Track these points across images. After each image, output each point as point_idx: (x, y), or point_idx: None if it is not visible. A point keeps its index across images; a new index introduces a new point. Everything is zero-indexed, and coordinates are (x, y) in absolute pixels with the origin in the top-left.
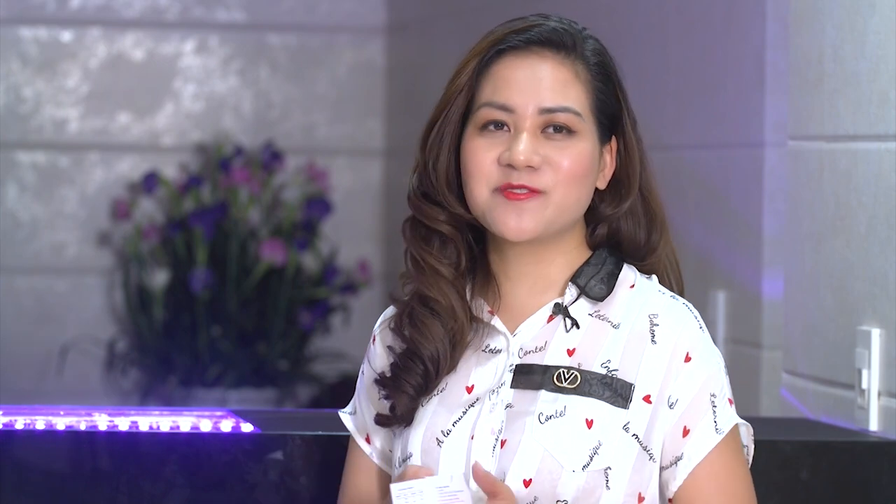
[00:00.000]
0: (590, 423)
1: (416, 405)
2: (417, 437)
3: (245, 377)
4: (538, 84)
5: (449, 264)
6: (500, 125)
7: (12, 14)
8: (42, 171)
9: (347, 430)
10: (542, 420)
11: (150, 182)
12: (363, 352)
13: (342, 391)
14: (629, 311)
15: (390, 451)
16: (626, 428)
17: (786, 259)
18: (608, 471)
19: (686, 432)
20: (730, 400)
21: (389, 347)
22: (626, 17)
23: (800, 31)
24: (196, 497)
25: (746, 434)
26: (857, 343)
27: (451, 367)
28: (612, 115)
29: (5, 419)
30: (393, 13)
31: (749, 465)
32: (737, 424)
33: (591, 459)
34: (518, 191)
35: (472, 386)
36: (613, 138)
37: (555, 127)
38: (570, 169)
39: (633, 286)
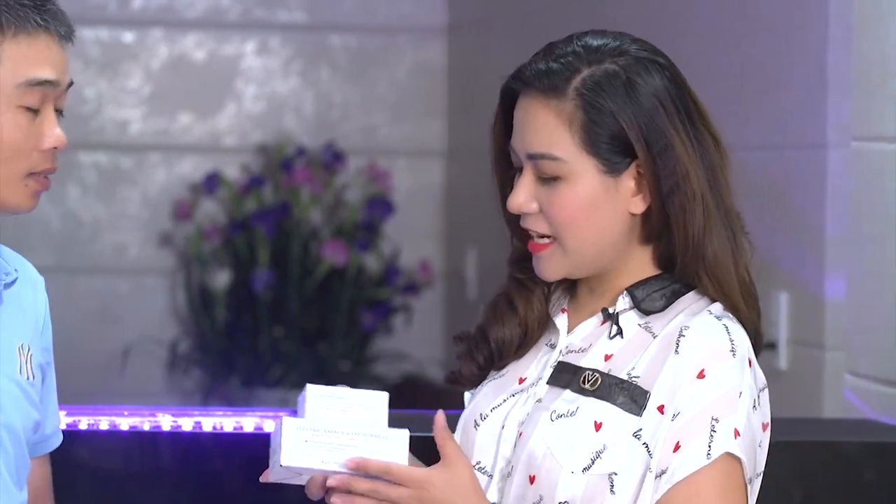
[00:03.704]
0: (598, 426)
1: (483, 376)
2: (464, 416)
3: (306, 378)
4: (525, 128)
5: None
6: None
7: (74, 15)
8: (104, 172)
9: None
10: (553, 418)
11: (211, 183)
12: (425, 352)
13: (404, 391)
14: (672, 325)
15: None
16: (636, 435)
17: (848, 260)
18: (613, 476)
19: (677, 447)
20: (736, 431)
21: None
22: (687, 18)
23: (863, 31)
24: (260, 497)
25: (748, 469)
26: None
27: (518, 355)
28: (619, 143)
29: (69, 420)
30: (453, 13)
31: None
32: (741, 464)
33: (593, 463)
34: (537, 240)
35: (525, 378)
36: (634, 164)
37: (542, 174)
38: (563, 216)
39: (691, 306)
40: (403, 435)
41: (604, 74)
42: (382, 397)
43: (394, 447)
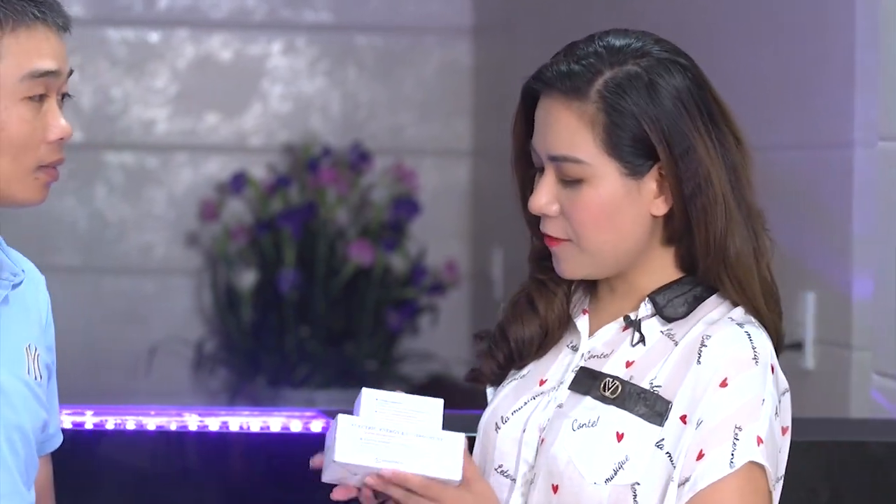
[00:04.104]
0: (620, 437)
1: (504, 374)
2: (484, 417)
3: (333, 378)
4: (547, 129)
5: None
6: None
7: (100, 15)
8: (130, 172)
9: None
10: (575, 427)
11: (237, 183)
12: (451, 352)
13: (430, 392)
14: (693, 333)
15: None
16: (659, 445)
17: (875, 259)
18: (636, 486)
19: (700, 455)
20: (759, 439)
21: None
22: (714, 19)
23: (890, 30)
24: (287, 497)
25: (772, 476)
26: None
27: (539, 355)
28: (641, 145)
29: (96, 419)
30: (479, 13)
31: None
32: (764, 470)
33: (616, 474)
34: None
35: (546, 380)
36: (656, 166)
37: (563, 176)
38: (583, 218)
39: (712, 312)
40: (459, 439)
41: (626, 76)
42: (437, 404)
43: (448, 450)
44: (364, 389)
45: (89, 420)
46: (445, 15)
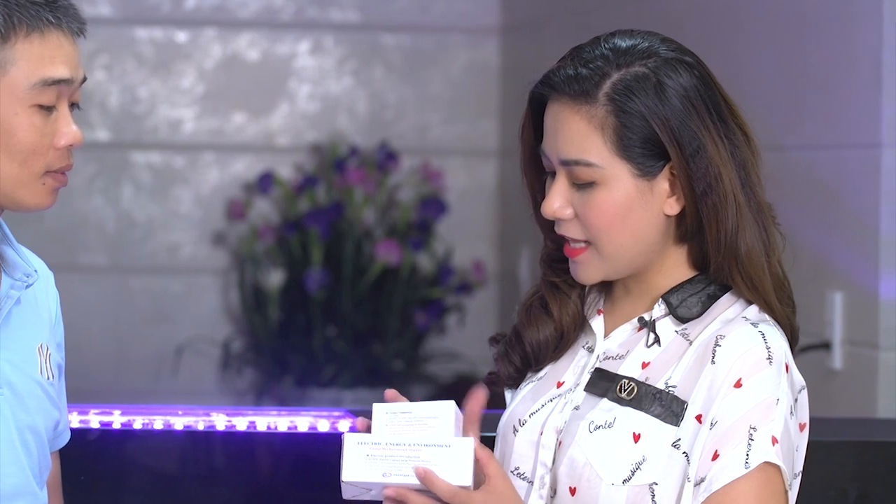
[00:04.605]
0: (637, 438)
1: (522, 376)
2: (502, 420)
3: (360, 377)
4: (557, 134)
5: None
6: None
7: (128, 15)
8: (157, 172)
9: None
10: (591, 429)
11: (265, 182)
12: (478, 352)
13: (457, 391)
14: (707, 332)
15: None
16: (675, 445)
17: None
18: (654, 486)
19: (715, 456)
20: (774, 439)
21: None
22: (741, 18)
23: None
24: (314, 496)
25: (788, 475)
26: None
27: (556, 357)
28: (651, 146)
29: (123, 419)
30: (507, 13)
31: None
32: (780, 470)
33: (633, 474)
34: (573, 244)
35: (563, 381)
36: (667, 167)
37: (576, 179)
38: (599, 221)
39: (726, 310)
40: (468, 443)
41: (634, 78)
42: (449, 406)
43: (457, 456)
44: (375, 405)
45: (117, 420)
46: (473, 14)
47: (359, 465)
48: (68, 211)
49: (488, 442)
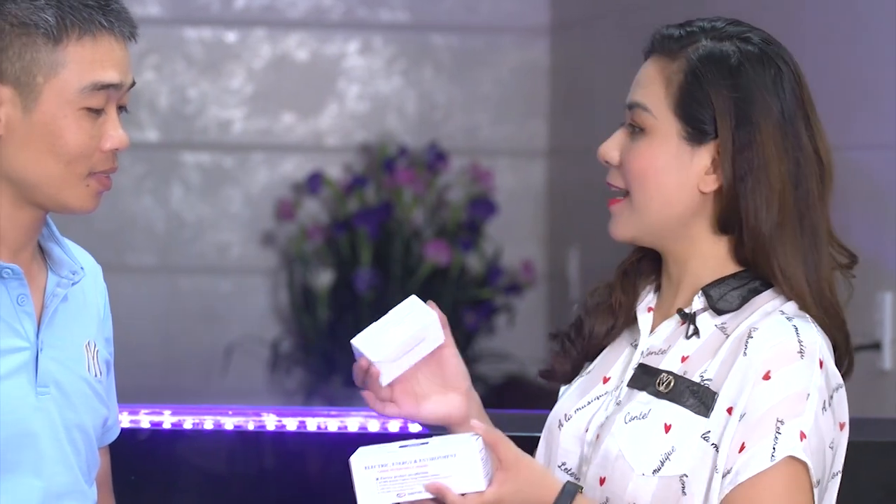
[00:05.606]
0: (668, 428)
1: (576, 372)
2: (550, 415)
3: None
4: (636, 81)
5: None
6: None
7: (177, 15)
8: (207, 172)
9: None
10: (627, 420)
11: (314, 182)
12: (528, 352)
13: (507, 392)
14: (744, 325)
15: None
16: (705, 437)
17: None
18: (684, 478)
19: (742, 448)
20: (802, 434)
21: None
22: (792, 16)
23: None
24: None
25: (815, 472)
26: None
27: (605, 343)
28: (706, 116)
29: (174, 419)
30: (556, 13)
31: None
32: (806, 467)
33: (662, 465)
34: (612, 194)
35: (609, 377)
36: (714, 143)
37: (632, 124)
38: (635, 167)
39: (765, 304)
40: (472, 446)
41: (719, 51)
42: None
43: (465, 463)
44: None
45: (167, 420)
46: (522, 14)
47: (372, 491)
48: (117, 211)
49: (529, 442)
